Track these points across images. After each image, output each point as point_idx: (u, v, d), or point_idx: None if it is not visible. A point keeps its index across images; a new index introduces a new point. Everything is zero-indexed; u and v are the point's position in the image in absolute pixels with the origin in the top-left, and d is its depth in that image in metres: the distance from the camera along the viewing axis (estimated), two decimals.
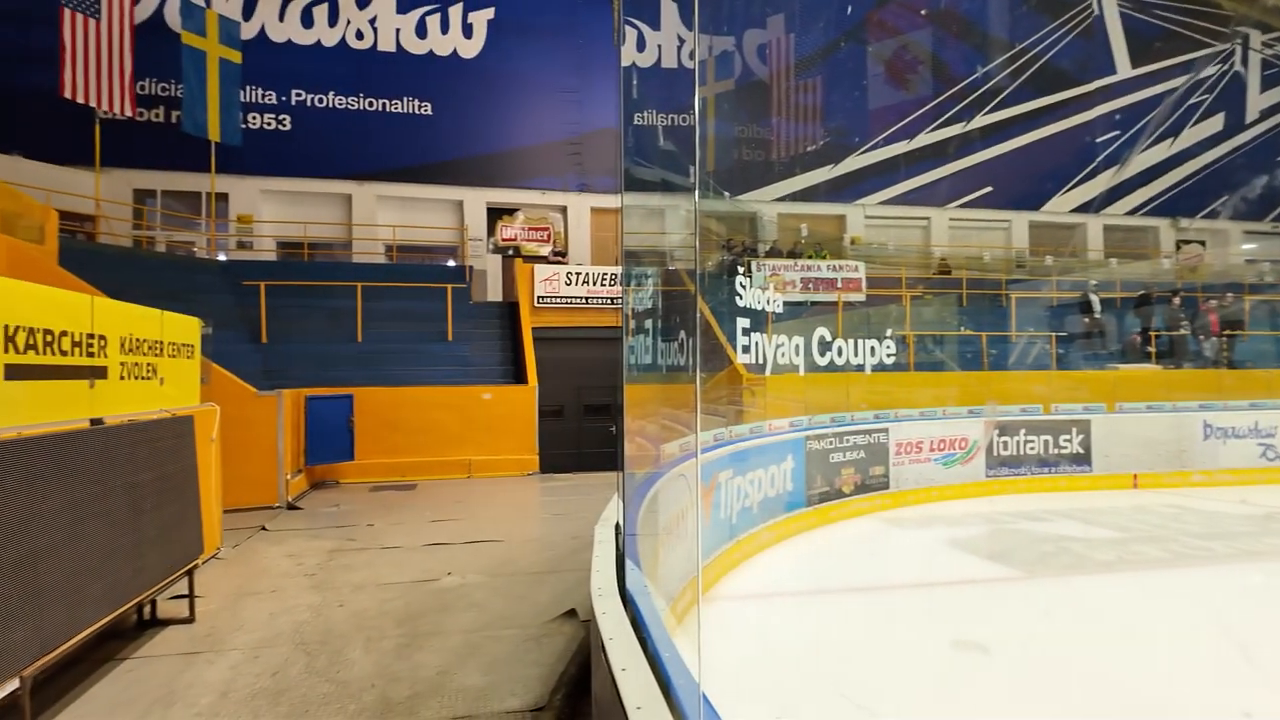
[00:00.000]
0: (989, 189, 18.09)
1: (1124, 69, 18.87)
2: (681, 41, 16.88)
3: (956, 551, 6.29)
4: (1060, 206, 18.66)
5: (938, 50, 17.95)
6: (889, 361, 8.34)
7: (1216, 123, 19.45)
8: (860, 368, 8.23)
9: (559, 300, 13.02)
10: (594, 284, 13.06)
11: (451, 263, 15.34)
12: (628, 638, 2.18)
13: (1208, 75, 19.48)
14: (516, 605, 4.78)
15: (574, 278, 13.15)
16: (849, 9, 17.75)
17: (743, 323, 6.61)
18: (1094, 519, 7.57)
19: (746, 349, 6.64)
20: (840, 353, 8.09)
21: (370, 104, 15.81)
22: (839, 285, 14.11)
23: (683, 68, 16.88)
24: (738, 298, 6.48)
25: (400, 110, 15.94)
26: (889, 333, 8.24)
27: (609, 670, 2.00)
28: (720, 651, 4.10)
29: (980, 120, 17.97)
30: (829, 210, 17.71)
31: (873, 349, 8.30)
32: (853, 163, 17.77)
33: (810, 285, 14.03)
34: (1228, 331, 13.59)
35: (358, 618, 4.53)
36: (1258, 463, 9.58)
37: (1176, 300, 13.83)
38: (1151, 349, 13.00)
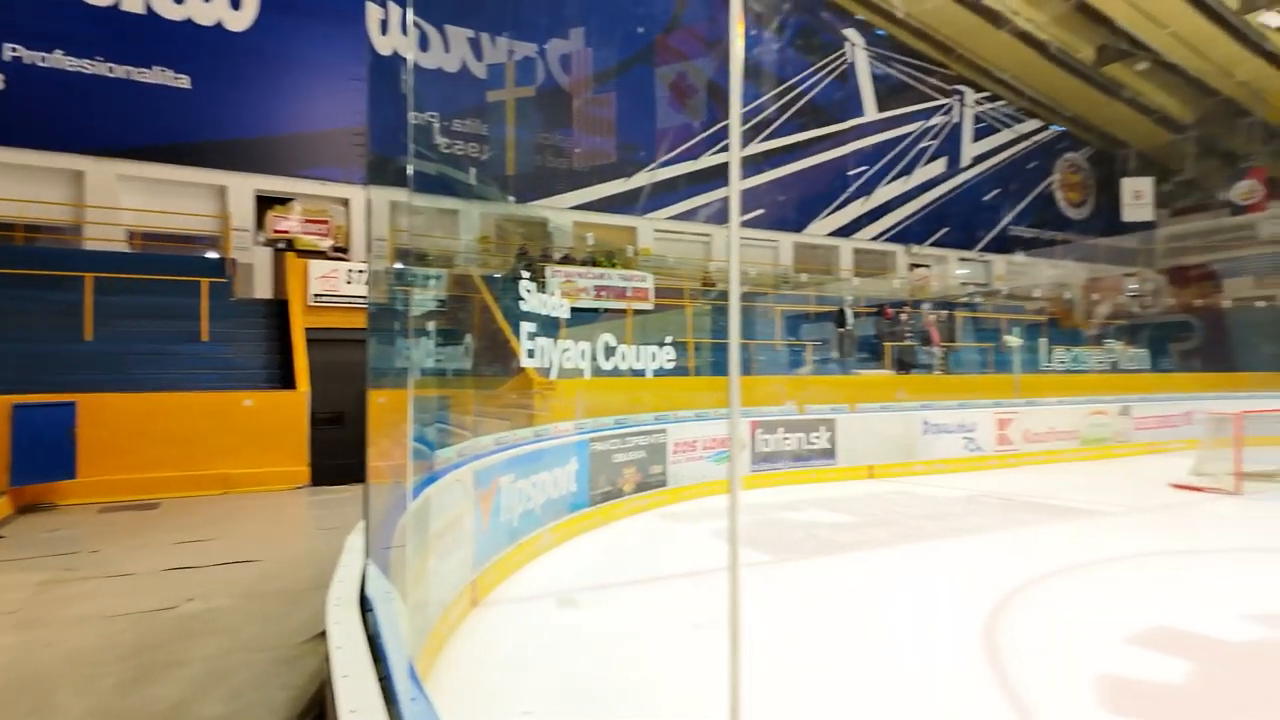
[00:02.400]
0: (761, 211, 19.88)
1: (871, 112, 21.73)
2: (474, 43, 16.63)
3: (722, 541, 6.83)
4: (819, 230, 21.00)
5: (718, 79, 19.42)
6: (669, 366, 8.86)
7: (940, 165, 23.07)
8: (642, 372, 8.65)
9: (339, 299, 12.21)
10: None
11: (213, 254, 13.76)
12: (357, 646, 2.13)
13: (935, 124, 23.00)
14: (271, 627, 4.42)
15: (357, 275, 12.41)
16: (640, 29, 18.60)
17: (528, 327, 6.68)
18: (838, 506, 8.60)
19: (532, 353, 6.72)
20: (624, 358, 8.43)
21: (111, 70, 13.70)
22: (628, 294, 14.70)
23: (466, 71, 16.61)
24: (521, 302, 6.53)
25: (150, 81, 14.00)
26: (668, 339, 8.76)
27: (331, 678, 1.95)
28: (493, 653, 4.11)
29: (754, 148, 19.70)
30: (622, 221, 18.39)
31: (654, 354, 8.76)
32: (644, 178, 18.60)
33: (602, 293, 14.47)
34: (945, 343, 16.11)
35: (72, 656, 3.93)
36: (963, 453, 11.46)
37: (906, 315, 16.14)
38: (886, 356, 15.06)
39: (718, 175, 19.37)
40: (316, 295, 12.06)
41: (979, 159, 24.05)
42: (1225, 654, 4.04)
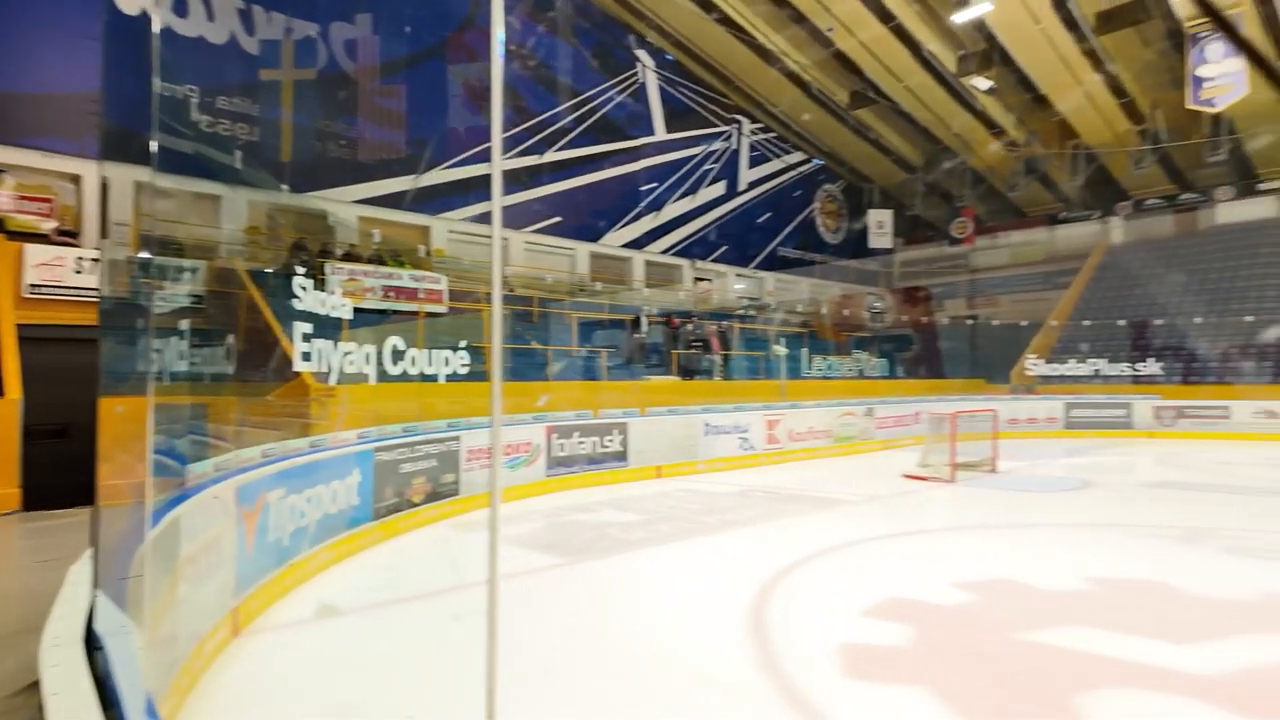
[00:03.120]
0: (559, 219, 20.15)
1: (661, 131, 22.96)
2: (244, 15, 15.03)
3: (517, 547, 6.80)
4: (613, 241, 21.75)
5: (515, 84, 19.36)
6: (463, 371, 8.66)
7: (721, 188, 24.95)
8: (434, 378, 8.37)
9: (65, 291, 10.40)
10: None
11: None
12: (80, 689, 1.86)
13: (716, 148, 24.82)
14: None
15: (90, 264, 10.64)
16: (432, 23, 18.00)
17: (303, 327, 6.16)
18: (629, 505, 8.94)
19: (308, 356, 6.21)
20: (415, 362, 8.10)
21: None
22: (420, 295, 14.11)
23: (235, 44, 15.00)
24: (295, 300, 6.03)
25: None
26: (463, 344, 8.56)
27: None
28: (257, 684, 3.74)
29: (552, 155, 19.92)
30: (413, 220, 17.62)
31: (447, 359, 8.52)
32: (437, 176, 17.99)
33: (390, 294, 13.74)
34: (723, 351, 17.40)
35: None
36: (738, 452, 12.46)
37: (692, 324, 17.21)
38: (674, 363, 15.94)
39: (517, 180, 19.29)
40: (34, 285, 10.18)
41: (754, 184, 26.32)
42: (939, 617, 4.80)
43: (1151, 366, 20.43)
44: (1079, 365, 21.44)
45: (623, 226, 22.10)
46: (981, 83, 20.78)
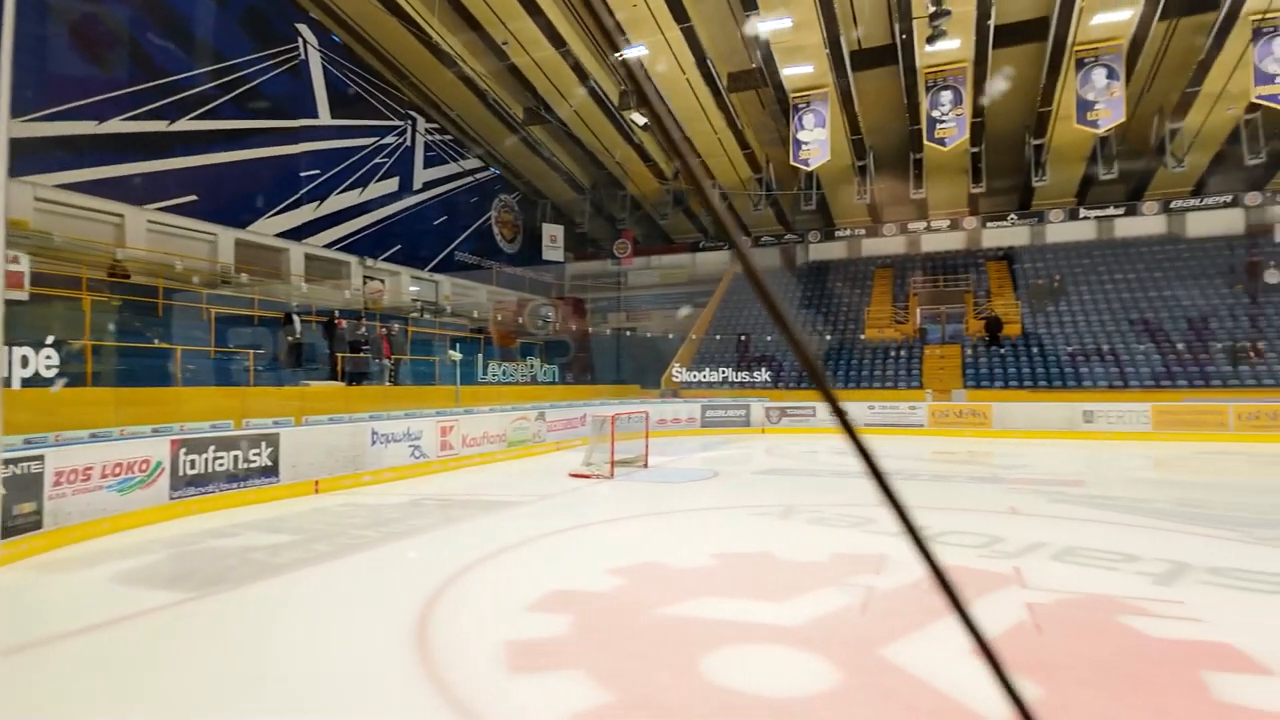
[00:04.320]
0: (194, 197, 17.32)
1: (325, 116, 21.15)
2: None
3: (125, 586, 5.71)
4: (267, 229, 19.41)
5: (139, 35, 16.21)
6: (50, 374, 7.01)
7: (393, 184, 23.88)
8: (8, 382, 6.66)
9: None
10: None
11: None
12: None
13: (389, 143, 23.71)
14: None
15: None
16: None
17: None
18: (279, 526, 8.07)
19: None
20: None
21: None
22: None
23: None
24: None
25: None
26: (50, 339, 6.94)
27: None
28: None
29: (186, 124, 17.07)
30: None
31: (27, 358, 6.84)
32: (22, 129, 14.23)
33: None
34: (396, 355, 16.68)
35: None
36: (410, 460, 12.04)
37: (362, 326, 16.18)
38: (338, 367, 14.81)
39: (135, 146, 16.13)
40: None
41: (430, 184, 25.70)
42: (595, 603, 5.23)
43: (763, 374, 24.68)
44: (712, 373, 25.02)
45: (278, 214, 19.86)
46: (639, 118, 23.11)
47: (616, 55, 20.14)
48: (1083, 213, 27.15)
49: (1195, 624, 4.67)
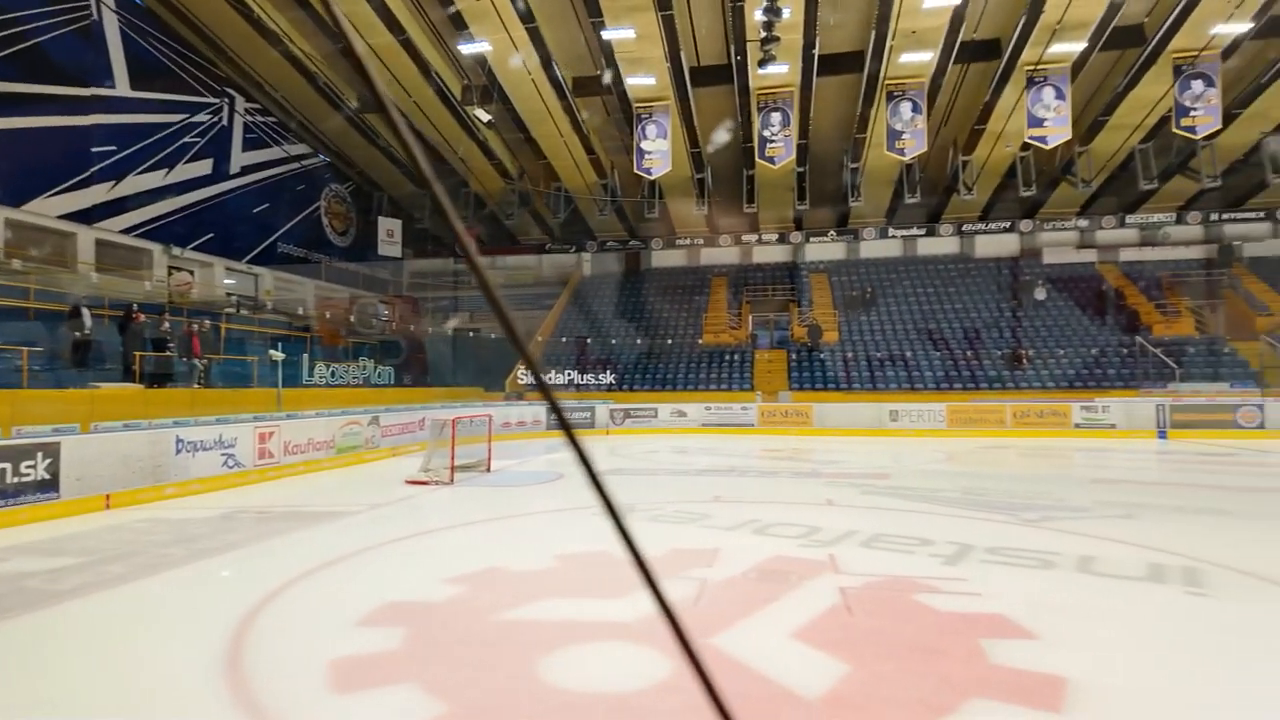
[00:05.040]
0: None
1: (124, 86, 18.77)
2: None
3: None
4: (47, 209, 16.90)
5: None
6: None
7: (206, 166, 21.66)
8: None
9: None
10: None
11: None
12: None
13: (201, 121, 21.49)
14: None
15: None
16: None
17: None
18: (61, 548, 7.10)
19: None
20: None
21: None
22: None
23: None
24: None
25: None
26: None
27: None
28: None
29: None
30: None
31: None
32: None
33: None
34: (208, 355, 15.16)
35: None
36: (222, 470, 11.00)
37: (165, 322, 14.55)
38: (136, 367, 13.23)
39: None
40: None
41: (249, 169, 23.61)
42: (430, 614, 5.08)
43: (607, 377, 25.07)
44: (558, 375, 25.03)
45: (63, 192, 17.38)
46: (483, 115, 22.66)
47: (465, 46, 19.69)
48: (891, 232, 30.11)
49: (976, 598, 5.35)
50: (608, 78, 20.58)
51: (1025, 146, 22.45)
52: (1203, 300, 25.91)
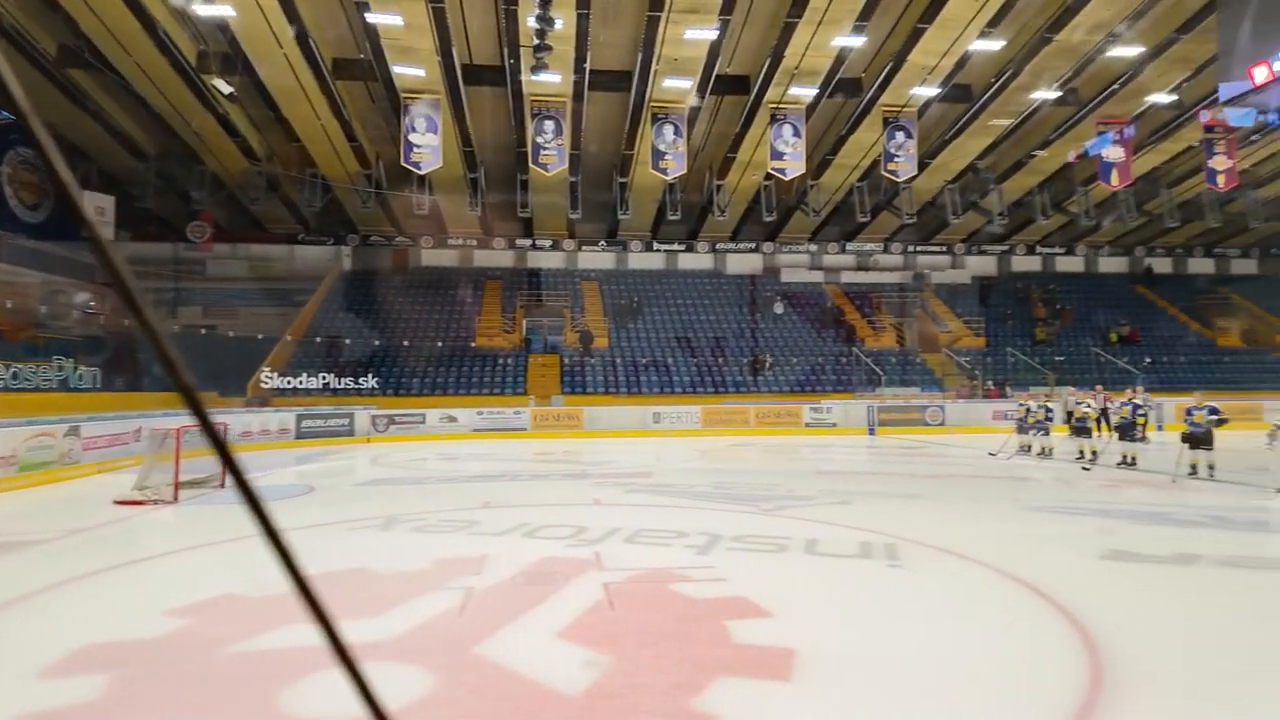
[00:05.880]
0: None
1: None
2: None
3: None
4: None
5: None
6: None
7: None
8: None
9: None
10: None
11: None
12: None
13: None
14: None
15: None
16: None
17: None
18: None
19: None
20: None
21: None
22: None
23: None
24: None
25: None
26: None
27: None
28: None
29: None
30: None
31: None
32: None
33: None
34: None
35: None
36: None
37: None
38: None
39: None
40: None
41: None
42: (146, 653, 4.40)
43: (370, 381, 23.56)
44: (311, 379, 22.98)
45: None
46: (223, 86, 20.14)
47: (200, 7, 17.31)
48: (656, 245, 32.02)
49: (722, 583, 5.86)
50: (373, 63, 19.39)
51: (768, 176, 25.05)
52: (900, 318, 30.86)
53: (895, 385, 25.84)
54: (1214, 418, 11.82)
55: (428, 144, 21.43)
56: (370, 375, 23.82)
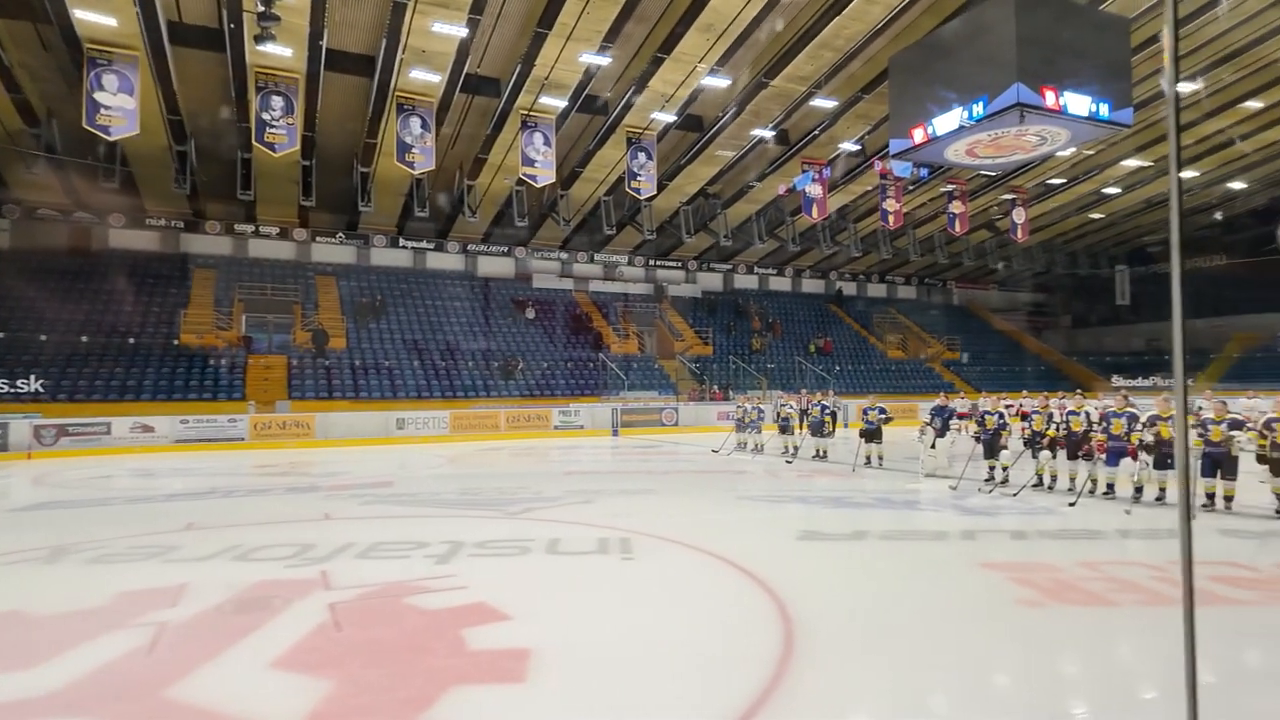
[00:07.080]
0: None
1: None
2: None
3: None
4: None
5: None
6: None
7: None
8: None
9: None
10: None
11: None
12: None
13: None
14: None
15: None
16: None
17: None
18: None
19: None
20: None
21: None
22: None
23: None
24: None
25: None
26: None
27: None
28: None
29: None
30: None
31: None
32: None
33: None
34: None
35: None
36: None
37: None
38: None
39: None
40: None
41: None
42: None
43: (32, 383, 19.38)
44: None
45: None
46: None
47: None
48: (402, 242, 30.50)
49: (462, 591, 5.79)
50: (44, 1, 16.01)
51: (520, 182, 25.18)
52: (642, 327, 32.89)
53: (637, 389, 27.42)
54: (883, 416, 14.32)
55: (120, 106, 18.21)
56: (32, 377, 19.58)
